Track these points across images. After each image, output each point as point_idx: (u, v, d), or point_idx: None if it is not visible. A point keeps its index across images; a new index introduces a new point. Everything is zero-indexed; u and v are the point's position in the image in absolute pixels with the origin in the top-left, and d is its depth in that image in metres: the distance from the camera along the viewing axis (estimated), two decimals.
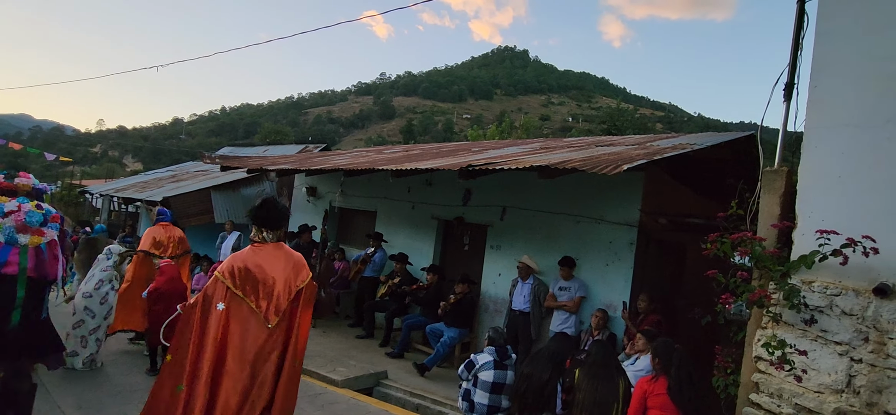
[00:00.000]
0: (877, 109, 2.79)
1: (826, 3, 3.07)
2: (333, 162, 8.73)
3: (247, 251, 2.89)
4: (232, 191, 12.15)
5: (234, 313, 2.69)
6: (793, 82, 3.45)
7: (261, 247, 2.90)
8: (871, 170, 2.78)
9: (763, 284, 2.98)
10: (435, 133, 77.75)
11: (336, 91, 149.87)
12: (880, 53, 2.83)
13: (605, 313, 5.64)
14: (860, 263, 2.64)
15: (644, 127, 43.59)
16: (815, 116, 3.02)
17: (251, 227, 2.99)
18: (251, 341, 2.69)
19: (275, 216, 2.95)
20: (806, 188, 3.02)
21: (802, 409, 2.81)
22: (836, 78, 2.98)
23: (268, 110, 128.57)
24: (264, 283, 2.77)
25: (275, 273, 2.81)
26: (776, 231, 3.09)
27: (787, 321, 2.94)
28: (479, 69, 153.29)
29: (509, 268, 6.85)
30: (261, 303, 2.73)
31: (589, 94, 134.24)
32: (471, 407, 4.41)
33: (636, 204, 5.95)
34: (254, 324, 2.71)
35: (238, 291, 2.70)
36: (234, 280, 2.72)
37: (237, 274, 2.73)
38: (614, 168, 4.28)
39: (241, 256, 2.85)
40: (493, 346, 4.56)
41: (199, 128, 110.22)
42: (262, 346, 2.72)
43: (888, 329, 2.59)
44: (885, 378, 2.57)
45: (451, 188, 7.65)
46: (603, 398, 3.73)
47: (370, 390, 5.73)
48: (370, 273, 8.22)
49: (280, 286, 2.80)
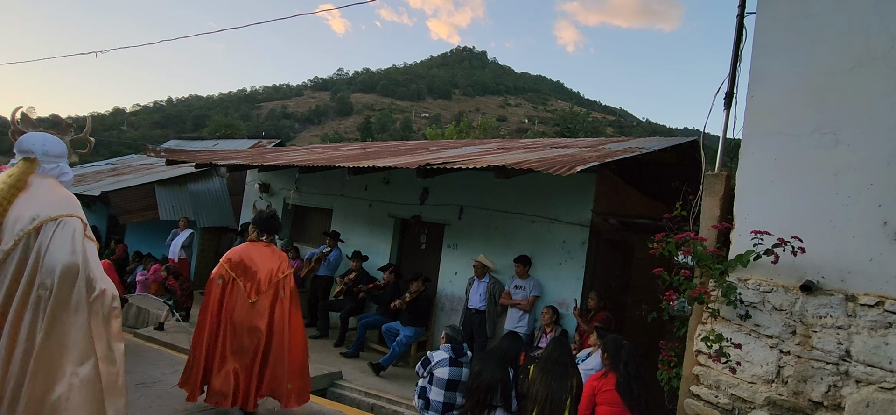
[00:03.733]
0: (805, 119, 3.01)
1: (763, 20, 3.28)
2: (288, 158, 8.50)
3: (244, 245, 3.91)
4: (178, 186, 11.56)
5: (230, 289, 3.68)
6: (732, 92, 3.67)
7: (255, 244, 3.92)
8: (799, 175, 3.00)
9: (704, 281, 3.14)
10: (393, 131, 77.22)
11: (291, 85, 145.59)
12: (810, 67, 3.05)
13: (554, 310, 5.78)
14: (790, 261, 2.84)
15: (596, 130, 45.05)
16: (752, 124, 3.22)
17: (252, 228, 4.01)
18: (239, 311, 3.65)
19: (273, 226, 4.04)
20: (743, 191, 3.21)
21: (737, 399, 2.99)
22: (770, 89, 3.18)
23: (218, 103, 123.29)
24: (252, 270, 3.73)
25: (261, 264, 3.77)
26: (716, 231, 3.27)
27: (724, 316, 3.11)
28: (438, 68, 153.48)
29: (466, 267, 6.90)
30: (246, 284, 3.69)
31: (545, 97, 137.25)
32: (426, 405, 4.40)
33: (588, 205, 6.14)
34: (242, 298, 3.65)
35: (232, 274, 3.71)
36: (231, 265, 3.72)
37: (234, 261, 3.74)
38: (568, 169, 4.40)
39: (239, 248, 3.88)
40: (449, 343, 4.58)
41: (143, 119, 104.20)
42: (246, 315, 3.63)
43: (813, 323, 2.80)
44: (810, 369, 2.77)
45: (409, 187, 7.63)
46: (556, 394, 3.81)
47: (324, 391, 5.62)
48: (325, 272, 8.06)
49: (263, 274, 3.74)
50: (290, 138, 55.20)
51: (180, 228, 9.54)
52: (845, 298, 2.72)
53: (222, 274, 3.75)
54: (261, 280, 3.73)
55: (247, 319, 3.66)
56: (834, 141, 2.89)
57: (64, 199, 2.28)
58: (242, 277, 3.71)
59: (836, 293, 2.75)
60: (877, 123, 2.77)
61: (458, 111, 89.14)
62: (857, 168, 2.80)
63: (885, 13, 2.81)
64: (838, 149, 2.87)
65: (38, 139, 2.40)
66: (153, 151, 10.38)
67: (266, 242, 3.98)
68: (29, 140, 2.39)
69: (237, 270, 3.73)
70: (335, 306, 7.57)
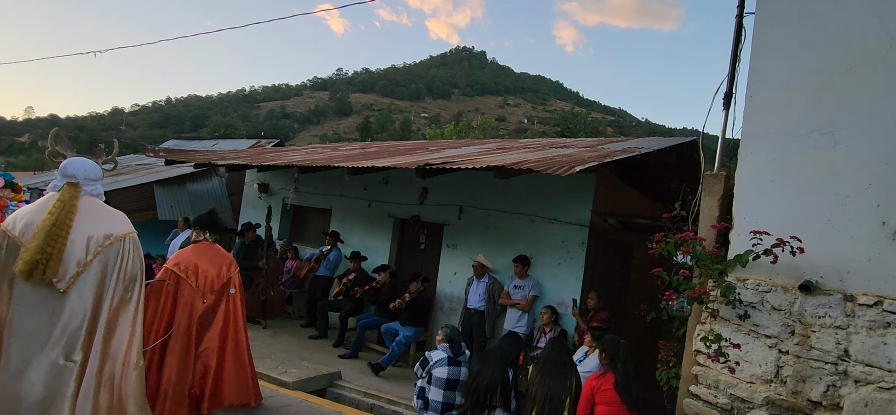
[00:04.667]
0: (804, 120, 3.01)
1: (762, 20, 3.28)
2: (287, 158, 8.50)
3: (190, 248, 3.90)
4: (177, 186, 11.55)
5: (181, 290, 3.61)
6: (731, 92, 3.67)
7: (200, 244, 3.92)
8: (798, 175, 3.00)
9: (703, 281, 3.14)
10: (392, 131, 77.15)
11: (290, 85, 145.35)
12: (808, 68, 3.06)
13: (553, 310, 5.79)
14: (788, 261, 2.84)
15: (596, 130, 45.05)
16: (751, 124, 3.23)
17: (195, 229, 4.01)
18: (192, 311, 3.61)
19: (214, 224, 4.03)
20: (742, 192, 3.21)
21: (736, 399, 3.00)
22: (769, 89, 3.19)
23: (217, 103, 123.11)
24: (202, 270, 3.72)
25: (209, 264, 3.77)
26: (715, 232, 3.28)
27: (723, 316, 3.12)
28: (437, 68, 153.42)
29: (465, 267, 6.90)
30: (199, 283, 3.67)
31: (544, 97, 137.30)
32: (425, 405, 4.41)
33: (587, 205, 6.14)
34: (196, 299, 3.64)
35: (182, 275, 3.64)
36: (180, 269, 3.66)
37: (183, 266, 3.68)
38: (567, 169, 4.40)
39: (186, 251, 3.86)
40: (447, 343, 4.58)
41: (142, 119, 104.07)
42: (203, 314, 3.65)
43: (811, 323, 2.81)
44: (809, 368, 2.78)
45: (408, 187, 7.62)
46: (554, 394, 3.82)
47: (323, 392, 5.62)
48: (324, 272, 8.06)
49: (213, 273, 3.76)
50: (290, 138, 55.08)
51: (180, 229, 9.52)
52: (844, 297, 2.73)
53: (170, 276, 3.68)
54: (212, 279, 3.75)
55: (205, 318, 3.67)
56: (832, 141, 2.89)
57: (120, 217, 2.90)
58: (194, 277, 3.69)
59: (835, 293, 2.75)
60: (875, 124, 2.78)
61: (458, 111, 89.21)
62: (855, 168, 2.80)
63: (883, 14, 2.82)
64: (837, 149, 2.87)
65: (79, 165, 2.84)
66: (152, 151, 10.38)
67: (210, 241, 3.98)
68: (72, 166, 2.82)
69: (187, 270, 3.69)
70: (334, 306, 7.56)
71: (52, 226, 2.54)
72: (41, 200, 2.76)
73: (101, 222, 2.74)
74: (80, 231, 2.63)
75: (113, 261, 2.68)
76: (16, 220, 2.63)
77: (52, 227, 2.53)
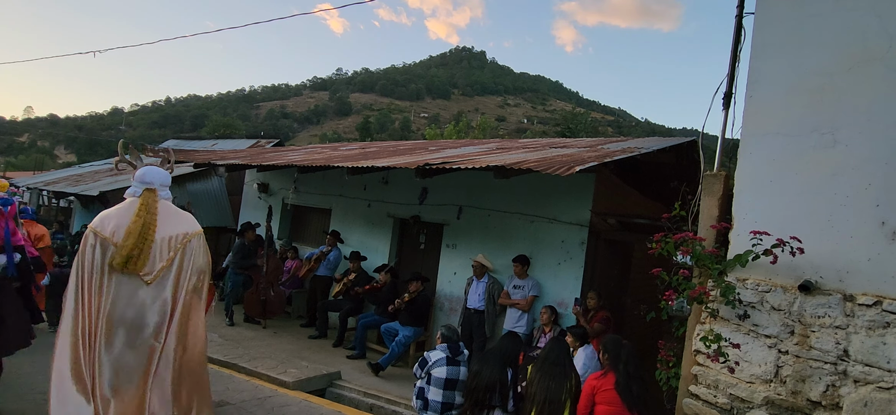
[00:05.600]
0: (804, 120, 3.01)
1: (761, 20, 3.28)
2: (287, 158, 8.50)
3: None
4: (177, 186, 11.54)
5: None
6: (731, 92, 3.67)
7: None
8: (798, 175, 3.00)
9: (702, 281, 3.14)
10: (392, 131, 77.19)
11: (290, 85, 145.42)
12: (808, 68, 3.06)
13: (553, 310, 5.79)
14: (788, 261, 2.84)
15: (595, 130, 45.04)
16: (751, 124, 3.22)
17: None
18: None
19: None
20: (741, 192, 3.21)
21: (736, 399, 3.00)
22: (769, 89, 3.19)
23: (217, 103, 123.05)
24: None
25: None
26: (715, 231, 3.28)
27: (723, 316, 3.12)
28: (436, 68, 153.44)
29: (465, 267, 6.90)
30: None
31: (544, 97, 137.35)
32: (425, 405, 4.41)
33: (587, 205, 6.14)
34: None
35: None
36: None
37: None
38: (567, 169, 4.40)
39: None
40: (446, 342, 4.59)
41: (141, 119, 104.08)
42: None
43: (811, 323, 2.81)
44: (808, 368, 2.78)
45: (408, 187, 7.63)
46: (554, 395, 3.82)
47: (323, 392, 5.62)
48: (324, 272, 8.06)
49: None
50: (289, 138, 55.08)
51: None
52: (843, 297, 2.73)
53: None
54: None
55: None
56: (832, 141, 2.89)
57: (190, 218, 3.33)
58: None
59: (835, 293, 2.75)
60: (875, 124, 2.78)
61: (457, 111, 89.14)
62: (855, 168, 2.80)
63: (883, 14, 2.82)
64: (836, 149, 2.87)
65: (155, 174, 3.27)
66: (152, 151, 10.36)
67: None
68: (150, 175, 3.25)
69: None
70: (334, 306, 7.56)
71: (142, 227, 2.98)
72: (123, 204, 3.18)
73: (177, 223, 3.19)
74: (162, 231, 3.06)
75: (188, 256, 3.12)
76: (104, 222, 3.03)
77: (143, 228, 2.98)
